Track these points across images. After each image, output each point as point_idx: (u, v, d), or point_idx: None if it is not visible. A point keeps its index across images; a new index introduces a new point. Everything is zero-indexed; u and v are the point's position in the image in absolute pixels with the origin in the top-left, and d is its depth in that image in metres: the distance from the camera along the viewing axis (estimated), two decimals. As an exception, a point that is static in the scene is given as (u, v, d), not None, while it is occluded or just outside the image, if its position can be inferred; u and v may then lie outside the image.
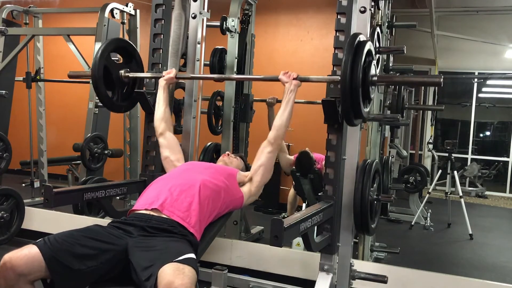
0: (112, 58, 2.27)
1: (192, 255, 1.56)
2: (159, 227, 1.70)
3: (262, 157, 2.06)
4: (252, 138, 3.65)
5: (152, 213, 1.77)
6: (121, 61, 2.37)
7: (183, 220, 1.76)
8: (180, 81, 2.95)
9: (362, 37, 1.66)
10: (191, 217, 1.78)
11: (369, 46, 1.65)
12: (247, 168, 2.43)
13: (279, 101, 2.64)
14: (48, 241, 1.51)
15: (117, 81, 2.28)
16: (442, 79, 1.66)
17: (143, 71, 2.41)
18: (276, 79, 2.01)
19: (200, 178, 1.91)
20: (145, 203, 1.81)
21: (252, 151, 3.63)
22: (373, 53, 1.72)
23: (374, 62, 1.72)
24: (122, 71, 2.28)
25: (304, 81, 1.98)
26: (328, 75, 1.90)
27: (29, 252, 1.46)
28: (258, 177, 2.08)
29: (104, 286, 1.60)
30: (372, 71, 1.69)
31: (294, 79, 1.97)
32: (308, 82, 1.96)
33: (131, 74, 2.30)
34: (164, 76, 2.29)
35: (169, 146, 2.24)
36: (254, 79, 2.09)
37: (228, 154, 2.43)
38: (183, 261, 1.48)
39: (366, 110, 1.71)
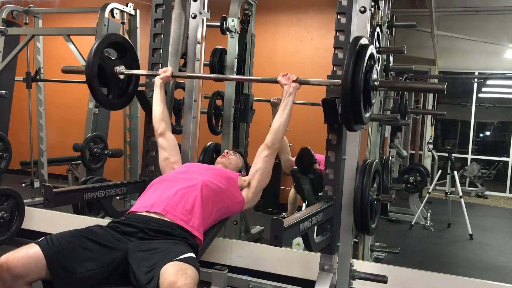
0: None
1: (193, 255, 1.56)
2: (159, 229, 1.68)
3: (259, 161, 2.00)
4: (252, 138, 3.65)
5: (152, 215, 1.74)
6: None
7: (186, 224, 1.73)
8: (180, 80, 2.97)
9: (364, 40, 1.60)
10: (194, 220, 1.76)
11: (371, 50, 1.59)
12: (246, 165, 2.40)
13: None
14: (50, 241, 1.48)
15: (112, 78, 2.20)
16: (445, 86, 1.60)
17: (138, 67, 2.34)
18: (275, 81, 1.96)
19: (201, 179, 1.89)
20: (145, 205, 1.78)
21: (252, 151, 3.63)
22: (375, 57, 1.66)
23: (377, 66, 1.66)
24: (117, 68, 2.19)
25: (304, 84, 1.93)
26: (328, 75, 1.90)
27: (27, 253, 1.44)
28: (255, 183, 2.02)
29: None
30: (374, 76, 1.63)
31: (293, 81, 1.90)
32: (308, 84, 1.90)
33: (126, 71, 2.22)
34: (160, 74, 2.21)
35: (169, 148, 2.19)
36: (253, 80, 2.03)
37: (227, 153, 2.38)
38: (185, 260, 1.47)
39: (367, 115, 1.65)
